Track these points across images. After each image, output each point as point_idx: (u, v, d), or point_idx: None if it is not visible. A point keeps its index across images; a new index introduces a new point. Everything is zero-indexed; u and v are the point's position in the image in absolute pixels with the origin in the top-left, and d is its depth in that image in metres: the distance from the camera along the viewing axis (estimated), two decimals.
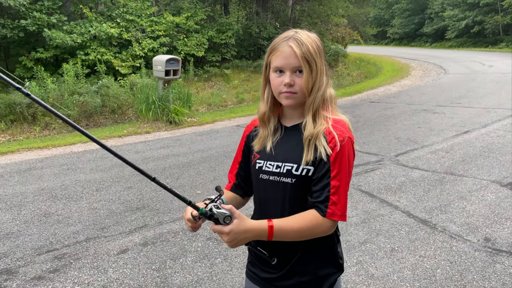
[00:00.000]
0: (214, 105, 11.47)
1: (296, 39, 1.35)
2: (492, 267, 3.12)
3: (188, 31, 12.65)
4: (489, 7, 32.06)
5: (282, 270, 1.46)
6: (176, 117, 8.53)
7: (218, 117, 9.41)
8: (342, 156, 1.32)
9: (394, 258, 3.30)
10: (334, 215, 1.32)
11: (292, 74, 1.35)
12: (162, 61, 8.22)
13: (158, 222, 4.03)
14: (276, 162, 1.42)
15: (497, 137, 6.76)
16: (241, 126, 8.39)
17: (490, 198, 4.40)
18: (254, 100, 12.31)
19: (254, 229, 1.29)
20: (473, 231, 3.69)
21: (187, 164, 5.87)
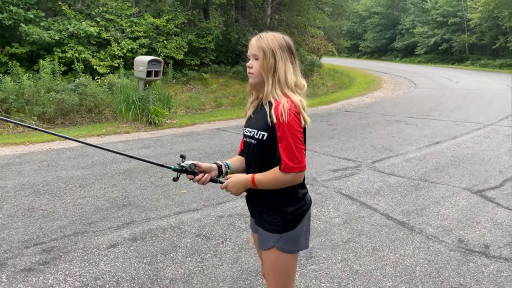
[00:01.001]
0: (192, 108, 11.52)
1: (259, 36, 1.87)
2: (466, 265, 3.34)
3: (168, 34, 12.66)
4: (456, 26, 33.48)
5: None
6: (156, 118, 8.54)
7: (198, 120, 9.47)
8: (284, 124, 1.73)
9: (376, 256, 3.48)
10: (286, 168, 1.77)
11: (253, 60, 1.86)
12: (144, 62, 8.23)
13: (146, 219, 4.07)
14: (248, 128, 1.93)
15: (466, 148, 7.12)
16: (221, 130, 8.48)
17: (461, 203, 4.67)
18: (233, 105, 12.44)
19: (242, 180, 1.89)
20: (448, 233, 3.92)
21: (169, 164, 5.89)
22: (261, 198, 1.92)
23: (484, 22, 29.98)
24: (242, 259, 3.36)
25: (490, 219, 4.24)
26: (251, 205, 2.05)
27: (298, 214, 1.92)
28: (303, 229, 1.96)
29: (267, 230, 1.93)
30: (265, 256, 1.97)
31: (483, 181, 5.43)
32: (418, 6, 37.00)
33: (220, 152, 6.64)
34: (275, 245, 1.91)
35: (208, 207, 4.41)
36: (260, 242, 2.00)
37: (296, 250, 1.96)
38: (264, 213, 1.93)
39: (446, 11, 33.58)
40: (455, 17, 33.05)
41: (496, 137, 7.99)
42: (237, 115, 10.36)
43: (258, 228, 2.02)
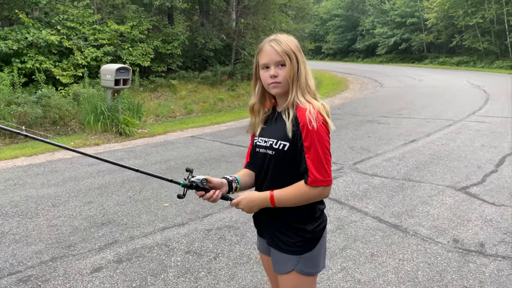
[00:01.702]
0: (162, 116, 11.20)
1: (276, 40, 1.68)
2: (467, 266, 3.29)
3: (133, 41, 12.28)
4: (414, 26, 34.50)
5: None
6: (126, 128, 8.20)
7: (170, 128, 9.18)
8: (313, 133, 1.58)
9: (376, 262, 3.37)
10: (314, 182, 1.61)
11: (276, 67, 1.67)
12: (112, 70, 7.89)
13: (129, 238, 3.80)
14: (264, 138, 1.77)
15: (441, 145, 7.21)
16: (196, 137, 8.24)
17: (449, 202, 4.66)
18: (203, 111, 12.20)
19: (258, 198, 1.71)
20: (442, 234, 3.87)
21: (147, 177, 5.62)
22: (277, 216, 1.75)
23: (440, 22, 31.04)
24: (238, 275, 3.17)
25: (479, 216, 4.23)
26: (262, 224, 1.86)
27: (317, 232, 1.76)
28: (322, 248, 1.80)
29: (284, 251, 1.75)
30: (282, 281, 1.79)
31: (464, 177, 5.47)
32: (377, 8, 37.90)
33: (199, 161, 6.41)
34: (295, 268, 1.74)
35: (194, 221, 4.19)
36: (275, 265, 1.82)
37: (316, 272, 1.80)
38: (280, 233, 1.76)
39: (404, 12, 34.57)
40: (412, 18, 34.05)
41: (468, 133, 8.15)
42: (210, 121, 10.14)
43: (271, 249, 1.85)
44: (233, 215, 4.29)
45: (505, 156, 6.41)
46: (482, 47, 27.94)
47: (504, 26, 26.38)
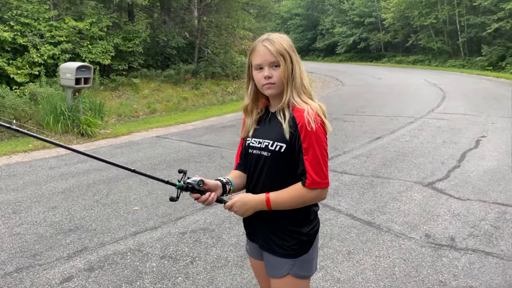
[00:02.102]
0: (124, 116, 10.89)
1: (269, 40, 1.63)
2: (440, 261, 3.37)
3: (92, 38, 11.84)
4: (372, 26, 35.39)
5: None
6: (88, 128, 7.90)
7: (134, 128, 8.93)
8: (311, 134, 1.55)
9: (353, 260, 3.39)
10: (312, 184, 1.58)
11: (270, 68, 1.62)
12: (72, 69, 7.56)
13: (99, 244, 3.64)
14: (258, 139, 1.71)
15: (406, 142, 7.41)
16: (161, 137, 8.05)
17: (417, 197, 4.78)
18: (168, 110, 11.97)
19: (253, 200, 1.66)
20: (414, 229, 3.96)
21: (113, 179, 5.44)
22: (273, 219, 1.70)
23: (397, 22, 31.98)
24: (217, 279, 3.10)
25: (447, 211, 4.36)
26: (256, 228, 1.80)
27: (312, 235, 1.73)
28: (315, 250, 1.78)
29: (279, 255, 1.71)
30: (276, 285, 1.75)
31: (430, 173, 5.63)
32: (336, 7, 38.56)
33: (166, 162, 6.26)
34: (290, 272, 1.70)
35: (167, 224, 4.07)
36: (269, 269, 1.77)
37: (310, 275, 1.76)
38: (275, 236, 1.71)
39: (362, 12, 35.37)
40: (370, 17, 34.90)
41: (429, 130, 8.42)
42: (175, 121, 9.95)
43: (264, 253, 1.80)
44: (207, 217, 4.20)
45: (466, 152, 6.67)
46: (436, 47, 29.04)
47: (456, 26, 27.53)
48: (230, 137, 8.06)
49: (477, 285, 3.02)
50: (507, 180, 5.29)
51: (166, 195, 4.85)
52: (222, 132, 8.57)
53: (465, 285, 3.02)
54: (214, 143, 7.54)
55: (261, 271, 1.88)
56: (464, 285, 3.02)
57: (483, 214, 4.26)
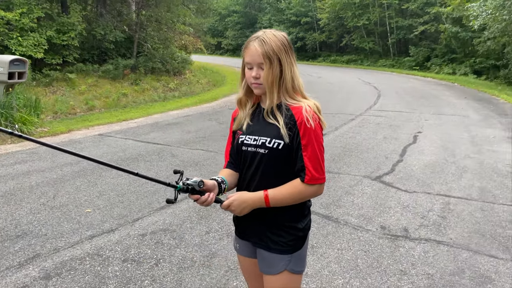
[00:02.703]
0: (61, 113, 10.27)
1: (261, 39, 1.62)
2: (398, 251, 3.55)
3: (23, 30, 11.02)
4: (308, 25, 36.30)
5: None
6: (24, 126, 7.36)
7: (74, 126, 8.45)
8: (310, 131, 1.59)
9: (318, 254, 3.47)
10: (312, 180, 1.61)
11: (258, 68, 1.63)
12: (5, 62, 7.01)
13: (53, 250, 3.41)
14: (254, 136, 1.70)
15: (350, 138, 7.70)
16: (104, 136, 7.70)
17: (368, 191, 4.99)
18: (107, 107, 11.47)
19: (251, 199, 1.64)
20: (369, 221, 4.13)
21: (59, 180, 5.12)
22: (270, 216, 1.70)
23: (332, 22, 33.08)
24: (185, 280, 3.03)
25: (397, 203, 4.60)
26: (247, 226, 1.78)
27: (306, 230, 1.75)
28: (307, 245, 1.80)
29: (276, 252, 1.71)
30: (272, 282, 1.74)
31: (376, 168, 5.90)
32: (274, 6, 39.10)
33: (114, 162, 5.98)
34: (287, 268, 1.70)
35: (124, 226, 3.90)
36: (263, 267, 1.77)
37: (304, 270, 1.79)
38: (272, 233, 1.72)
39: (299, 11, 36.16)
40: (306, 17, 35.77)
41: (369, 126, 8.82)
42: (117, 118, 9.55)
43: (258, 251, 1.78)
44: (166, 218, 4.09)
45: (406, 147, 7.07)
46: (368, 47, 30.44)
47: (386, 28, 29.05)
48: (178, 134, 7.89)
49: (434, 272, 3.21)
50: (446, 173, 5.69)
51: (118, 196, 4.65)
52: (168, 130, 8.37)
53: (423, 273, 3.20)
54: (162, 141, 7.35)
55: (251, 268, 1.87)
56: (422, 273, 3.21)
57: (430, 205, 4.55)
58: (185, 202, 4.47)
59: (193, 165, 5.87)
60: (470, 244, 3.67)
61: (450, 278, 3.13)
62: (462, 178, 5.46)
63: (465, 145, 7.26)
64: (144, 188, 4.89)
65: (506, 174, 5.62)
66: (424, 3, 25.88)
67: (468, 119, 9.81)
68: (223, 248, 3.51)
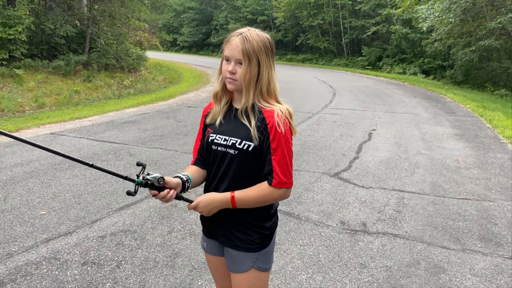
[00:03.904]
0: (8, 111, 9.79)
1: (244, 36, 1.61)
2: (357, 245, 3.66)
3: None
4: (264, 24, 36.46)
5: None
6: None
7: (23, 125, 8.06)
8: (280, 135, 1.59)
9: (281, 250, 3.52)
10: (279, 184, 1.61)
11: (236, 64, 1.62)
12: None
13: (6, 255, 3.24)
14: (224, 136, 1.69)
15: (308, 136, 7.84)
16: (57, 134, 7.40)
17: (327, 187, 5.11)
18: (58, 104, 11.03)
19: (219, 200, 1.65)
20: (329, 217, 4.23)
21: (9, 182, 4.87)
22: (238, 216, 1.71)
23: (288, 21, 33.46)
24: (149, 281, 2.98)
25: (355, 199, 4.74)
26: (214, 225, 1.79)
27: (273, 228, 1.78)
28: (274, 243, 1.83)
29: (243, 250, 1.72)
30: (240, 279, 1.75)
31: (334, 164, 6.05)
32: (230, 4, 39.01)
33: (68, 161, 5.77)
34: (254, 265, 1.72)
35: (82, 228, 3.77)
36: (230, 265, 1.78)
37: (270, 267, 1.81)
38: (239, 232, 1.73)
39: (255, 9, 36.28)
40: (263, 15, 35.96)
41: (326, 124, 9.01)
42: (69, 116, 9.20)
43: (225, 249, 1.79)
44: (126, 218, 3.99)
45: (361, 144, 7.29)
46: (323, 46, 31.06)
47: (340, 28, 29.77)
48: (135, 133, 7.72)
49: (391, 264, 3.35)
50: (399, 168, 5.92)
51: (74, 197, 4.49)
52: (124, 128, 8.16)
53: (382, 266, 3.32)
54: (118, 139, 7.16)
55: (219, 267, 1.88)
56: (381, 265, 3.33)
57: (386, 200, 4.72)
58: (145, 202, 4.39)
59: (152, 164, 5.77)
60: (424, 237, 3.85)
61: (407, 270, 3.27)
62: (414, 174, 5.70)
63: (417, 142, 7.58)
64: (102, 188, 4.75)
65: (455, 169, 5.93)
66: (376, 4, 26.72)
67: (419, 117, 10.25)
68: (186, 248, 3.48)
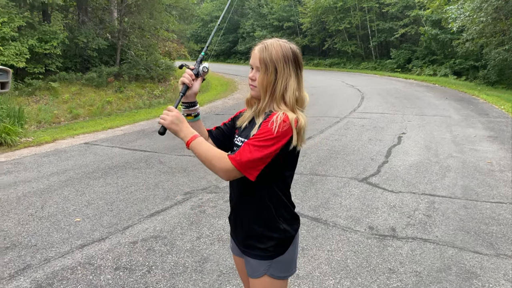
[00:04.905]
0: (45, 122, 10.20)
1: (264, 45, 1.68)
2: (386, 250, 3.63)
3: (4, 39, 10.90)
4: (291, 30, 36.61)
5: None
6: (8, 137, 7.27)
7: (58, 135, 8.37)
8: (266, 129, 1.56)
9: (308, 256, 3.53)
10: (234, 159, 1.55)
11: (256, 71, 1.69)
12: None
13: (44, 260, 3.39)
14: (240, 138, 1.77)
15: (335, 141, 7.80)
16: (90, 144, 7.66)
17: (355, 192, 5.07)
18: (91, 115, 11.40)
19: (183, 128, 1.64)
20: (358, 222, 4.20)
21: (46, 191, 5.08)
22: (246, 224, 1.77)
23: (314, 26, 33.43)
24: (179, 286, 3.05)
25: (384, 204, 4.69)
26: (235, 230, 1.87)
27: (288, 236, 1.75)
28: (294, 251, 1.81)
29: (256, 257, 1.75)
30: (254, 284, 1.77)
31: (362, 169, 6.00)
32: (256, 11, 39.33)
33: (101, 170, 5.97)
34: (267, 273, 1.74)
35: (114, 234, 3.90)
36: (248, 269, 1.81)
37: (288, 276, 1.80)
38: (251, 239, 1.76)
39: (281, 16, 36.44)
40: (289, 22, 36.06)
41: (354, 129, 8.94)
42: (102, 126, 9.50)
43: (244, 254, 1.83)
44: (156, 225, 4.10)
45: (391, 148, 7.20)
46: (350, 50, 30.84)
47: (367, 31, 29.47)
48: (165, 141, 7.89)
49: (421, 270, 3.30)
50: (430, 172, 5.81)
51: (107, 204, 4.64)
52: (155, 137, 8.36)
53: (411, 271, 3.28)
54: (149, 148, 7.34)
55: (243, 268, 1.91)
56: (411, 270, 3.28)
57: (416, 204, 4.65)
58: (175, 209, 4.49)
59: (181, 171, 5.89)
60: (455, 241, 3.77)
61: (437, 275, 3.21)
62: (445, 177, 5.58)
63: (448, 144, 7.42)
64: (133, 196, 4.89)
65: (488, 172, 5.77)
66: (404, 6, 26.33)
67: (450, 119, 10.02)
68: (215, 253, 3.54)
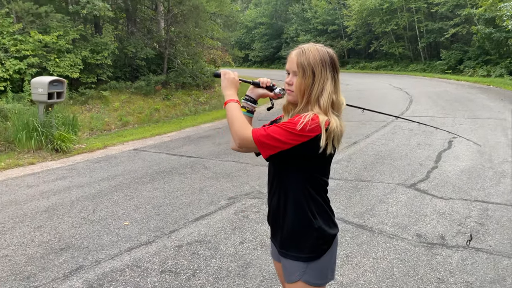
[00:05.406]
0: (96, 130, 10.66)
1: (301, 50, 1.70)
2: (435, 259, 3.49)
3: (60, 51, 11.54)
4: (335, 33, 36.24)
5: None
6: (63, 144, 7.67)
7: (109, 142, 8.74)
8: (294, 122, 1.56)
9: (353, 263, 3.46)
10: (255, 131, 1.60)
11: (293, 76, 1.70)
12: (45, 83, 7.35)
13: (95, 262, 3.54)
14: None
15: (382, 146, 7.61)
16: (139, 150, 7.93)
17: (403, 199, 4.92)
18: (140, 122, 11.80)
19: (233, 90, 1.76)
20: (405, 230, 4.07)
21: (97, 195, 5.31)
22: (280, 222, 1.77)
23: (359, 29, 32.90)
24: None
25: (433, 211, 4.51)
26: (273, 231, 1.87)
27: (325, 241, 1.73)
28: (331, 258, 1.77)
29: (291, 258, 1.74)
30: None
31: (410, 175, 5.81)
32: (300, 16, 39.26)
33: (149, 175, 6.16)
34: (301, 278, 1.72)
35: (161, 238, 4.01)
36: (284, 273, 1.80)
37: (324, 284, 1.77)
38: (286, 239, 1.76)
39: (325, 20, 36.15)
40: (333, 25, 35.72)
41: (402, 133, 8.68)
42: (150, 133, 9.81)
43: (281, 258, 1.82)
44: (201, 229, 4.17)
45: (441, 153, 6.92)
46: (398, 52, 30.06)
47: (415, 32, 28.60)
48: (210, 147, 8.03)
49: (473, 280, 3.14)
50: (483, 178, 5.54)
51: (154, 208, 4.78)
52: (200, 143, 8.53)
53: (462, 281, 3.13)
54: (195, 153, 7.50)
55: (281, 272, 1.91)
56: (461, 281, 3.14)
57: (467, 212, 4.44)
58: (219, 213, 4.55)
59: (225, 176, 5.96)
60: (511, 251, 3.56)
61: (491, 286, 3.05)
62: (500, 183, 5.30)
63: (503, 149, 7.04)
64: (179, 200, 5.01)
65: None
66: (455, 5, 25.34)
67: (505, 122, 9.50)
68: (258, 258, 3.55)
